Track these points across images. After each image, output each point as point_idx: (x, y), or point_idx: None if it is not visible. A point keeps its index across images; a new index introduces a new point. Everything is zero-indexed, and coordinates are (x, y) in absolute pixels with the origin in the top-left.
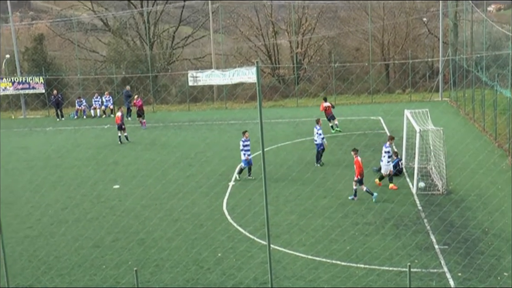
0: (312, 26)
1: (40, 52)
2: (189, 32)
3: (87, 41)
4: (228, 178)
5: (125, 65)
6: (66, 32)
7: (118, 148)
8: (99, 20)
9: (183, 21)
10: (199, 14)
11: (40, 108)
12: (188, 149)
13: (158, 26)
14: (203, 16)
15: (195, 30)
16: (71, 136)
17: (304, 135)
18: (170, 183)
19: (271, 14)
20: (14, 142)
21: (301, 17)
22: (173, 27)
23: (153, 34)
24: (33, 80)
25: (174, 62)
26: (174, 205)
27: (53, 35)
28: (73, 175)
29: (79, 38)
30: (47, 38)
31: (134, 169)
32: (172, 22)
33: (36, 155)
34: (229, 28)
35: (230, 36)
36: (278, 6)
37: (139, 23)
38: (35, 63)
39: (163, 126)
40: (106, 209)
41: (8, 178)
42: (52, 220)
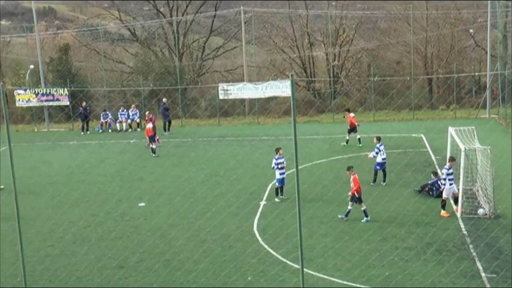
0: (350, 38)
1: (65, 63)
2: (220, 43)
3: (113, 51)
4: (259, 197)
5: (153, 77)
6: (92, 42)
7: (144, 163)
8: (126, 30)
9: (214, 31)
10: (231, 24)
11: (64, 121)
12: (218, 166)
13: (187, 36)
14: (235, 26)
15: (226, 40)
16: (95, 151)
17: (340, 153)
18: (198, 201)
19: (307, 25)
20: (36, 156)
21: (339, 28)
22: (203, 37)
23: (183, 45)
24: (57, 92)
25: (204, 74)
26: (202, 225)
27: (79, 45)
28: (96, 191)
29: (105, 48)
30: (72, 48)
31: (161, 186)
32: (202, 32)
33: (59, 170)
34: (262, 39)
35: (263, 48)
36: (314, 16)
37: (168, 33)
38: (60, 74)
39: (192, 141)
40: (130, 227)
41: (29, 194)
42: (75, 238)
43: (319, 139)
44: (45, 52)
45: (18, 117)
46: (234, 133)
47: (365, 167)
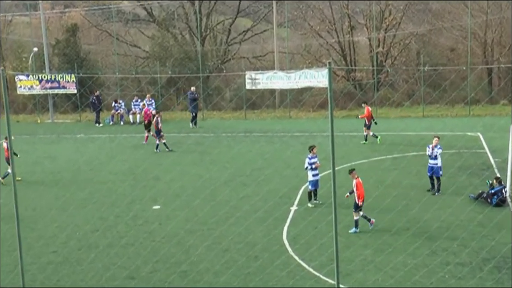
0: (397, 21)
1: (72, 46)
2: (248, 26)
3: (127, 34)
4: (290, 202)
5: (171, 63)
6: (104, 23)
7: (159, 161)
8: (142, 9)
9: (241, 12)
10: (260, 4)
11: (70, 112)
12: (243, 165)
13: (211, 17)
14: (265, 6)
15: (255, 23)
16: (105, 145)
17: (383, 152)
18: (220, 205)
19: (347, 6)
20: (39, 150)
21: (384, 9)
22: (229, 19)
23: (205, 27)
24: (64, 78)
25: (229, 60)
26: (224, 231)
27: (88, 26)
28: (106, 191)
29: (118, 30)
30: (81, 29)
31: (178, 186)
32: (228, 13)
33: (64, 166)
34: (296, 21)
35: (297, 31)
36: None
37: (189, 13)
38: (67, 58)
39: (214, 137)
40: (143, 233)
41: (31, 192)
42: (80, 244)
43: (359, 136)
44: (51, 33)
45: (19, 106)
46: (263, 128)
47: (412, 169)
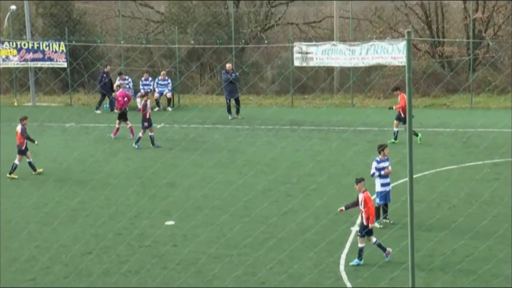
0: None
1: (62, 4)
2: None
3: None
4: (351, 220)
5: (194, 30)
6: None
7: (175, 160)
8: None
9: None
10: None
11: (58, 93)
12: (288, 169)
13: None
14: None
15: None
16: (103, 138)
17: (480, 156)
18: (255, 222)
19: None
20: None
21: None
22: None
23: None
24: (50, 47)
25: (272, 27)
26: (260, 258)
27: None
28: (103, 200)
29: None
30: None
31: (200, 196)
32: None
33: (49, 165)
34: None
35: None
36: None
37: None
38: (55, 20)
39: (250, 130)
40: (152, 258)
41: (3, 200)
42: (67, 270)
43: (447, 133)
44: None
45: None
46: (316, 120)
47: None
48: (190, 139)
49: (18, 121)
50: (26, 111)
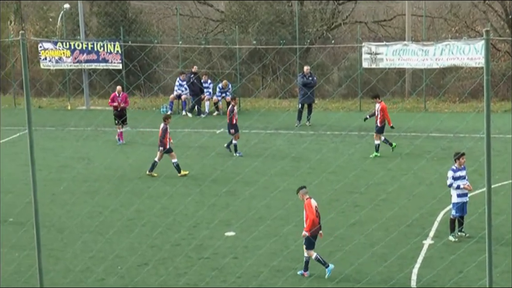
0: None
1: (118, 2)
2: None
3: None
4: (423, 233)
5: (256, 29)
6: None
7: (236, 168)
8: None
9: None
10: None
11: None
12: (356, 178)
13: None
14: None
15: None
16: None
17: None
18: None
19: None
20: (69, 148)
21: None
22: None
23: None
24: (105, 48)
25: (339, 26)
26: (326, 272)
27: None
28: (159, 209)
29: None
30: None
31: (262, 206)
32: None
33: (103, 172)
34: None
35: None
36: None
37: None
38: (110, 19)
39: (315, 136)
40: (211, 270)
41: (56, 208)
42: (123, 282)
43: None
44: None
45: (42, 85)
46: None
47: None
48: (252, 146)
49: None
50: (80, 115)
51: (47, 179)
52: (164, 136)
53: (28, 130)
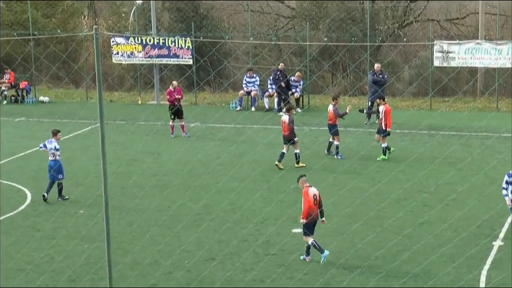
0: None
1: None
2: None
3: None
4: (493, 234)
5: (326, 26)
6: None
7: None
8: None
9: None
10: None
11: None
12: (425, 177)
13: None
14: None
15: None
16: (229, 139)
17: None
18: (389, 232)
19: None
20: (139, 142)
21: None
22: None
23: None
24: (176, 43)
25: (410, 24)
26: (393, 271)
27: None
28: (228, 205)
29: None
30: None
31: (329, 203)
32: None
33: (172, 167)
34: None
35: None
36: None
37: None
38: (181, 15)
39: None
40: (278, 266)
41: (126, 201)
42: (190, 276)
43: None
44: None
45: (114, 80)
46: (456, 125)
47: None
48: (320, 143)
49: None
50: (150, 109)
51: (117, 172)
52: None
53: (100, 124)
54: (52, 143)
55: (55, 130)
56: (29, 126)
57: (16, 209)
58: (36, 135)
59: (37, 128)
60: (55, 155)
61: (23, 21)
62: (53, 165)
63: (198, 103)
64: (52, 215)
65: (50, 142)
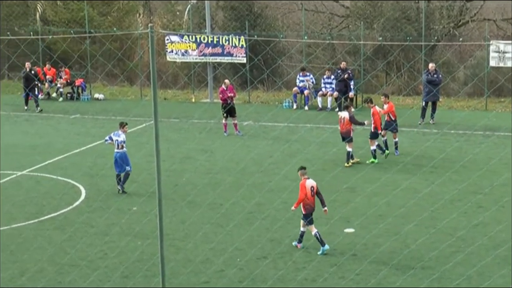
0: None
1: None
2: None
3: None
4: None
5: (381, 25)
6: None
7: (357, 165)
8: None
9: None
10: None
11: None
12: (480, 178)
13: None
14: None
15: None
16: (282, 138)
17: None
18: (441, 233)
19: None
20: (192, 140)
21: None
22: None
23: None
24: (230, 41)
25: (466, 23)
26: (447, 273)
27: None
28: (280, 204)
29: None
30: None
31: (383, 203)
32: None
33: (225, 164)
34: None
35: None
36: None
37: None
38: (236, 14)
39: (439, 134)
40: (330, 266)
41: (178, 199)
42: (242, 274)
43: None
44: None
45: (168, 78)
46: None
47: None
48: None
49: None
50: (204, 108)
51: (171, 169)
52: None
53: (154, 121)
54: (121, 136)
55: (123, 123)
56: (84, 123)
57: (71, 205)
58: (91, 132)
59: (92, 125)
60: (122, 147)
61: (79, 19)
62: (120, 156)
63: (251, 102)
64: (106, 211)
65: (118, 135)
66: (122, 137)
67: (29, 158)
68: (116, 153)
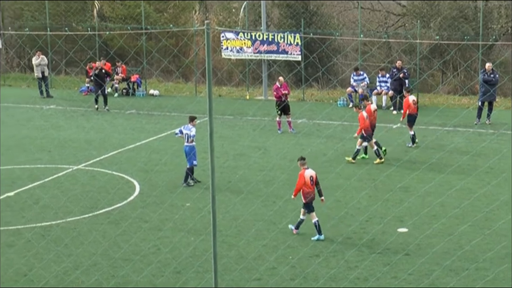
0: None
1: None
2: None
3: None
4: None
5: (438, 24)
6: None
7: (413, 165)
8: None
9: None
10: None
11: (293, 87)
12: None
13: None
14: None
15: None
16: (335, 137)
17: None
18: (497, 234)
19: None
20: (246, 137)
21: None
22: None
23: None
24: (285, 39)
25: None
26: (501, 274)
27: None
28: (333, 202)
29: None
30: None
31: (437, 203)
32: None
33: (278, 162)
34: None
35: None
36: None
37: None
38: (291, 11)
39: (495, 135)
40: (383, 266)
41: (232, 195)
42: (294, 272)
43: None
44: None
45: (223, 75)
46: None
47: None
48: (429, 142)
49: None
50: (258, 105)
51: (224, 166)
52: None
53: (209, 118)
54: (192, 130)
55: (192, 116)
56: (139, 119)
57: (125, 199)
58: (145, 128)
59: (147, 121)
60: (192, 141)
61: (136, 16)
62: (189, 150)
63: (305, 100)
64: (160, 207)
65: (188, 128)
66: (193, 132)
67: (85, 153)
68: (185, 146)
